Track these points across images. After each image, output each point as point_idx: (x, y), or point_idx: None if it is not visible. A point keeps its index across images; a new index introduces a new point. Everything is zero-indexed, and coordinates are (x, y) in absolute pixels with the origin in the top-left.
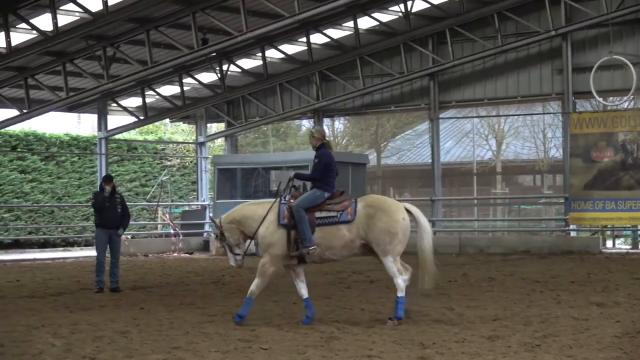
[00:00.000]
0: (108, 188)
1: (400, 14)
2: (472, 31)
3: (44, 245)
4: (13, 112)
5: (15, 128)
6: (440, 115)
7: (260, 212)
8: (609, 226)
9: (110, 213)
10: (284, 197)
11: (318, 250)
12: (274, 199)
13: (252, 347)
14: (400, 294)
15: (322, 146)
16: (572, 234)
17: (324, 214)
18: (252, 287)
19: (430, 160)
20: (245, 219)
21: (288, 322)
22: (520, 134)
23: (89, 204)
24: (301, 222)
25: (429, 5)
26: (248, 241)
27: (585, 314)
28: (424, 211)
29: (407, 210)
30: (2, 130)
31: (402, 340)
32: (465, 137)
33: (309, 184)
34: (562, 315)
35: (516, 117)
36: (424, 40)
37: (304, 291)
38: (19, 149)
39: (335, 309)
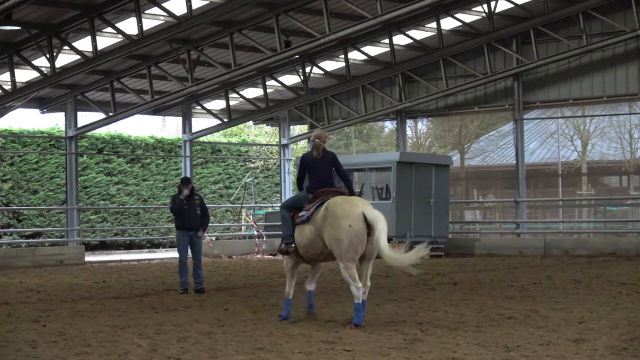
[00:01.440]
0: (186, 191)
1: (484, 14)
2: (556, 31)
3: (129, 246)
4: (99, 115)
5: (102, 131)
6: (525, 116)
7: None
8: None
9: (189, 215)
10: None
11: (299, 248)
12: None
13: (335, 349)
14: (357, 300)
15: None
16: None
17: (301, 213)
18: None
19: (514, 162)
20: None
21: (372, 324)
22: (606, 134)
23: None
24: (282, 221)
25: (512, 5)
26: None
27: None
28: (507, 212)
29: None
30: (89, 133)
31: (486, 342)
32: (550, 138)
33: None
34: None
35: (602, 117)
36: (507, 40)
37: (308, 285)
38: (105, 152)
39: (418, 311)
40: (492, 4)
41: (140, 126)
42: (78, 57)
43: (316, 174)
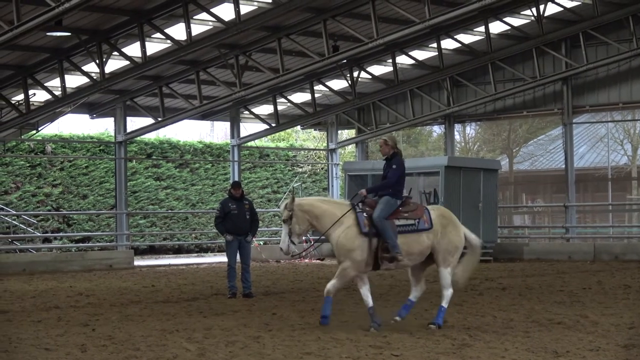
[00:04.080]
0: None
1: (533, 17)
2: (606, 34)
3: (178, 251)
4: (148, 121)
5: (151, 136)
6: (574, 120)
7: (338, 214)
8: None
9: (239, 219)
10: (358, 206)
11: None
12: (348, 204)
13: (383, 354)
14: (446, 304)
15: (394, 154)
16: None
17: (402, 221)
18: (329, 286)
19: (563, 166)
20: (324, 217)
21: (420, 329)
22: None
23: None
24: (387, 231)
25: (561, 9)
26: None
27: None
28: (556, 217)
29: None
30: (138, 138)
31: (535, 348)
32: (599, 142)
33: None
34: None
35: None
36: (556, 44)
37: (370, 300)
38: (154, 157)
39: (467, 316)
40: (541, 7)
41: (189, 131)
42: (127, 62)
43: (404, 180)
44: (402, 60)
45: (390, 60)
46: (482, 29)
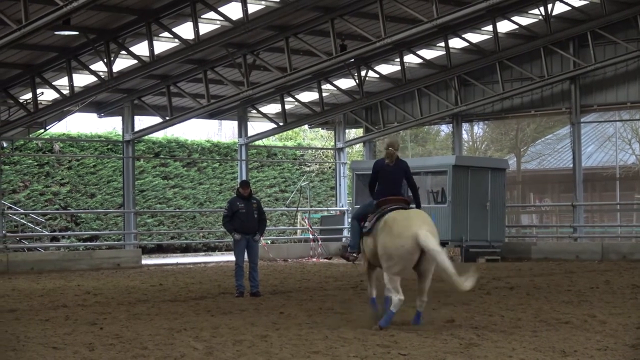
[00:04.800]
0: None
1: (540, 17)
2: (614, 33)
3: (185, 249)
4: (156, 120)
5: (158, 135)
6: (582, 119)
7: None
8: None
9: (247, 218)
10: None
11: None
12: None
13: (390, 353)
14: (393, 309)
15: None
16: None
17: (365, 223)
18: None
19: (571, 165)
20: None
21: (427, 328)
22: None
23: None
24: (351, 230)
25: (569, 8)
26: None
27: None
28: (564, 216)
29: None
30: (146, 137)
31: (543, 347)
32: (607, 142)
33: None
34: None
35: None
36: (564, 43)
37: (373, 292)
38: (161, 156)
39: (474, 315)
40: (549, 6)
41: (197, 130)
42: (135, 61)
43: (385, 181)
44: (410, 59)
45: (398, 59)
46: (489, 28)
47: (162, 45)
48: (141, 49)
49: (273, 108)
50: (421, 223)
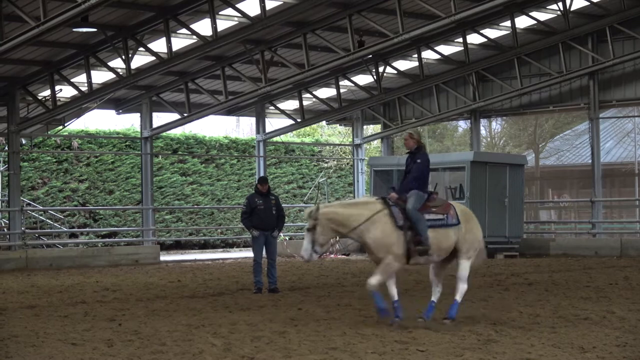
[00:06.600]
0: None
1: (559, 12)
2: (633, 28)
3: (204, 246)
4: (174, 116)
5: (176, 131)
6: (601, 115)
7: (367, 214)
8: None
9: (266, 215)
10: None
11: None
12: (376, 200)
13: (408, 349)
14: (459, 298)
15: (418, 148)
16: None
17: (431, 216)
18: (374, 282)
19: (590, 161)
20: (349, 221)
21: (446, 324)
22: None
23: (242, 208)
24: (420, 222)
25: (588, 3)
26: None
27: None
28: (582, 212)
29: None
30: (164, 133)
31: (562, 343)
32: (626, 137)
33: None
34: None
35: None
36: (583, 38)
37: (395, 293)
38: (180, 152)
39: (493, 312)
40: (567, 2)
41: (215, 126)
42: (153, 58)
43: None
44: (428, 55)
45: (416, 55)
46: (508, 23)
47: (180, 41)
48: (159, 45)
49: (291, 104)
50: None
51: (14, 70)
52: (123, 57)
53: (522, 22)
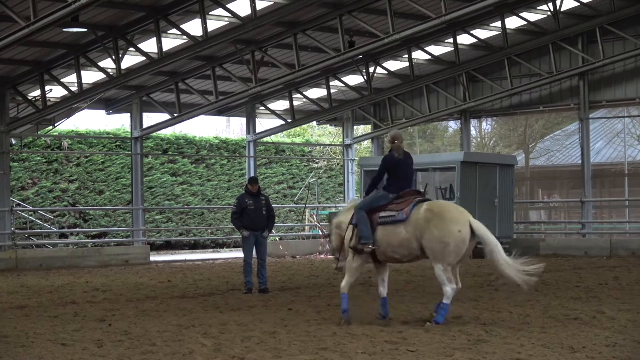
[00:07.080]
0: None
1: (549, 13)
2: (623, 29)
3: (194, 246)
4: (165, 117)
5: (167, 132)
6: (591, 116)
7: (345, 219)
8: None
9: (256, 215)
10: None
11: (381, 248)
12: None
13: (399, 349)
14: (447, 301)
15: (391, 151)
16: None
17: (387, 213)
18: (343, 283)
19: (580, 162)
20: (343, 224)
21: (436, 324)
22: None
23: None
24: (360, 221)
25: (578, 4)
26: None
27: None
28: (572, 213)
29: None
30: (154, 134)
31: (552, 344)
32: (616, 138)
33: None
34: None
35: None
36: (573, 39)
37: (382, 290)
38: (170, 153)
39: (483, 312)
40: (558, 2)
41: (205, 127)
42: (144, 58)
43: (401, 174)
44: (418, 55)
45: (407, 56)
46: (498, 24)
47: (171, 42)
48: (150, 45)
49: (281, 105)
50: (468, 214)
51: (4, 71)
52: (113, 57)
53: (513, 22)
